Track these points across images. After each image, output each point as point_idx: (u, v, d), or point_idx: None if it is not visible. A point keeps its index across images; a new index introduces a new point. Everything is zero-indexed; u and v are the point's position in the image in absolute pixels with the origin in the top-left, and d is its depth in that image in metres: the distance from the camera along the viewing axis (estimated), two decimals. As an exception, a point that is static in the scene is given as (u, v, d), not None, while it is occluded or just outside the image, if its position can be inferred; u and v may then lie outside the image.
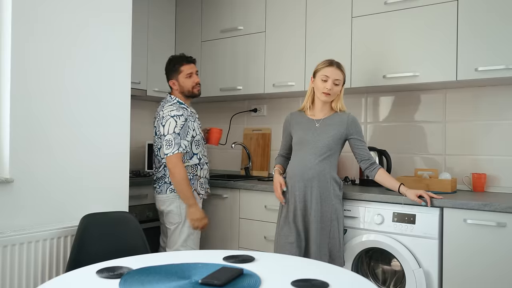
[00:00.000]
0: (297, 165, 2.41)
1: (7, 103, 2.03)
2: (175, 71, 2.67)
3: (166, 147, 2.52)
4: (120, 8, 2.48)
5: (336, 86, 2.36)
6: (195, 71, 2.71)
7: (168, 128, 2.52)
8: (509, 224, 2.04)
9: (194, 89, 2.69)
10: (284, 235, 2.39)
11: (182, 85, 2.66)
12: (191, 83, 2.67)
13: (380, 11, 2.70)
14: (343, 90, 2.44)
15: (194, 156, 2.65)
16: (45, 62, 2.16)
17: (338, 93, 2.40)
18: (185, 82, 2.66)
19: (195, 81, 2.68)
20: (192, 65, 2.70)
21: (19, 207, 2.06)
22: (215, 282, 1.27)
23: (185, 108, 2.66)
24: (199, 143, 2.67)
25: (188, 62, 2.68)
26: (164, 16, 3.62)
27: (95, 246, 2.10)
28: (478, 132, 2.69)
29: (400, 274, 2.39)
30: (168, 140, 2.52)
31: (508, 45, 2.31)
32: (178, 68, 2.67)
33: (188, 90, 2.67)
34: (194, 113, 2.75)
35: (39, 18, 2.13)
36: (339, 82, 2.36)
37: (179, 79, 2.67)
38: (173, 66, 2.68)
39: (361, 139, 2.40)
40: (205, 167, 2.72)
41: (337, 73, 2.36)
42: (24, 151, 2.08)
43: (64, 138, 2.24)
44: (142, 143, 3.73)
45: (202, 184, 2.72)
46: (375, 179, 2.38)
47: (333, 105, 2.43)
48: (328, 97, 2.37)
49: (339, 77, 2.36)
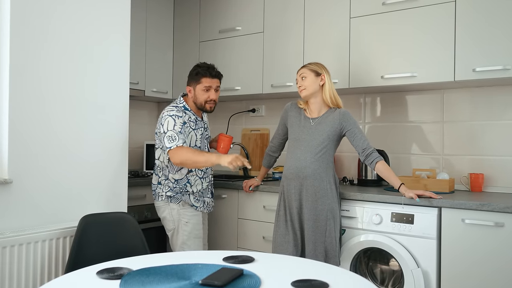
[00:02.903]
0: (293, 163, 2.42)
1: (5, 103, 2.03)
2: (195, 80, 2.55)
3: (169, 142, 2.37)
4: (119, 9, 2.48)
5: (304, 79, 2.45)
6: (216, 87, 2.57)
7: (167, 126, 2.42)
8: (507, 224, 2.05)
9: (206, 104, 2.55)
10: (281, 234, 2.41)
11: (196, 96, 2.55)
12: (205, 98, 2.54)
13: (378, 11, 2.70)
14: (328, 84, 2.43)
15: (183, 168, 2.51)
16: (43, 63, 2.15)
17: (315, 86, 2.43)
18: (200, 94, 2.54)
19: (210, 97, 2.54)
20: (215, 80, 2.56)
21: (18, 208, 2.05)
22: (215, 283, 1.27)
23: (189, 114, 2.55)
24: None
25: (212, 76, 2.54)
26: (162, 16, 3.62)
27: (94, 246, 2.10)
28: (476, 132, 2.70)
29: (398, 274, 2.40)
30: (170, 135, 2.39)
31: (505, 46, 2.32)
32: (199, 78, 2.54)
33: (200, 103, 2.56)
34: (200, 121, 2.61)
35: (38, 20, 2.13)
36: (305, 75, 2.45)
37: (196, 88, 2.55)
38: (195, 74, 2.56)
39: (355, 129, 2.39)
40: (197, 182, 2.57)
41: (301, 70, 2.48)
42: (22, 152, 2.07)
43: (63, 139, 2.23)
44: (140, 144, 3.74)
45: (198, 197, 2.59)
46: (375, 171, 2.40)
47: (324, 98, 2.45)
48: (304, 92, 2.44)
49: (303, 72, 2.47)
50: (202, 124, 2.63)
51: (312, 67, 2.46)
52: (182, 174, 2.53)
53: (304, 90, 2.44)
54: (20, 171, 2.06)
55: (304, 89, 2.44)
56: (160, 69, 3.59)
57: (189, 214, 2.55)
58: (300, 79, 2.46)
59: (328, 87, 2.44)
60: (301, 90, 2.45)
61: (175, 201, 2.53)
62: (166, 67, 3.64)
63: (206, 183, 2.64)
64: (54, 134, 2.20)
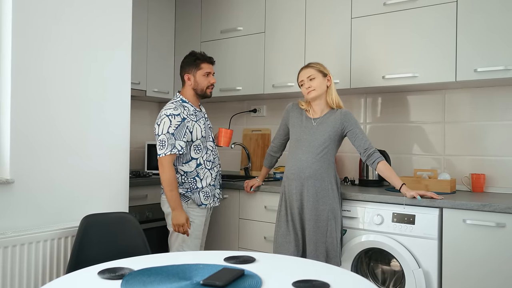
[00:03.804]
0: (294, 164, 2.42)
1: (7, 103, 2.03)
2: (195, 66, 2.60)
3: (159, 148, 2.43)
4: (120, 9, 2.48)
5: (313, 80, 2.42)
6: (213, 73, 2.67)
7: (163, 128, 2.44)
8: (508, 224, 2.05)
9: (208, 89, 2.63)
10: (282, 234, 2.41)
11: (198, 82, 2.60)
12: (207, 83, 2.61)
13: (380, 12, 2.70)
14: (333, 85, 2.45)
15: (192, 161, 2.53)
16: (45, 63, 2.16)
17: (324, 87, 2.43)
18: (201, 80, 2.60)
19: (211, 82, 2.62)
20: (212, 66, 2.66)
21: (19, 208, 2.06)
22: (217, 283, 1.27)
23: (187, 107, 2.57)
24: (199, 148, 2.55)
25: (210, 62, 2.65)
26: (164, 16, 3.62)
27: (95, 246, 2.10)
28: (478, 133, 2.70)
29: (399, 274, 2.40)
30: (161, 140, 2.43)
31: (507, 46, 2.32)
32: (199, 64, 2.60)
33: (202, 89, 2.61)
34: (199, 112, 2.64)
35: (39, 20, 2.13)
36: (312, 76, 2.42)
37: (196, 75, 2.60)
38: (193, 61, 2.61)
39: (357, 130, 2.39)
40: (207, 174, 2.58)
41: (307, 71, 2.45)
42: (24, 152, 2.08)
43: (65, 139, 2.24)
44: (142, 144, 3.74)
45: (209, 192, 2.60)
46: (376, 171, 2.40)
47: (328, 100, 2.45)
48: (313, 93, 2.42)
49: (311, 73, 2.43)
50: (202, 115, 2.66)
51: (318, 67, 2.45)
52: (191, 167, 2.54)
53: (313, 91, 2.41)
54: (22, 171, 2.07)
55: (313, 90, 2.41)
56: (161, 70, 3.59)
57: (194, 214, 2.56)
58: (308, 80, 2.42)
59: (333, 89, 2.45)
60: (309, 91, 2.42)
61: (183, 199, 2.53)
62: (167, 67, 3.64)
63: (215, 173, 2.65)
64: (56, 134, 2.20)
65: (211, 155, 2.62)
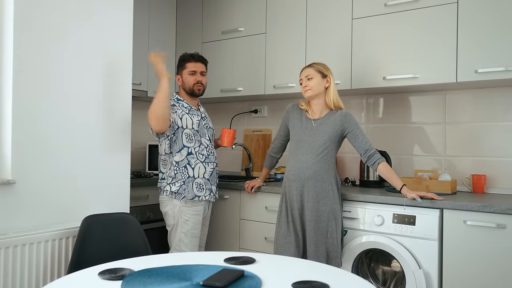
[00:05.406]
0: (294, 165, 2.42)
1: (9, 104, 2.04)
2: (181, 66, 2.72)
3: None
4: (121, 10, 2.49)
5: (310, 79, 2.43)
6: (200, 71, 2.70)
7: None
8: (509, 225, 2.05)
9: (195, 87, 2.67)
10: (283, 235, 2.41)
11: (184, 81, 2.69)
12: (192, 80, 2.67)
13: (380, 13, 2.70)
14: (332, 86, 2.45)
15: (184, 149, 2.57)
16: (47, 63, 2.17)
17: (321, 87, 2.44)
18: (187, 79, 2.68)
19: (197, 79, 2.67)
20: (198, 64, 2.70)
21: (21, 208, 2.07)
22: (217, 284, 1.28)
23: (182, 103, 2.65)
24: (191, 138, 2.58)
25: (195, 60, 2.70)
26: (164, 17, 3.63)
27: (96, 247, 2.11)
28: (478, 134, 2.70)
29: (400, 275, 2.40)
30: None
31: (507, 47, 2.32)
32: (184, 64, 2.71)
33: (189, 87, 2.67)
34: (196, 110, 2.68)
35: (41, 20, 2.14)
36: (311, 75, 2.44)
37: (183, 74, 2.70)
38: (180, 62, 2.74)
39: (357, 131, 2.40)
40: (200, 166, 2.60)
41: (307, 70, 2.47)
42: (26, 153, 2.09)
43: (66, 140, 2.24)
44: (143, 144, 3.74)
45: (203, 185, 2.63)
46: (377, 172, 2.40)
47: (327, 101, 2.45)
48: (309, 92, 2.43)
49: (309, 72, 2.45)
50: (199, 114, 2.69)
51: (319, 67, 2.46)
52: (182, 156, 2.58)
53: (309, 91, 2.43)
54: (24, 172, 2.08)
55: (309, 90, 2.43)
56: (162, 70, 3.59)
57: (190, 213, 2.57)
58: (306, 79, 2.45)
59: (332, 90, 2.45)
60: (306, 90, 2.45)
61: (178, 197, 2.55)
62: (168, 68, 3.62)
63: (210, 169, 2.66)
64: (57, 135, 2.21)
65: (204, 150, 2.65)
